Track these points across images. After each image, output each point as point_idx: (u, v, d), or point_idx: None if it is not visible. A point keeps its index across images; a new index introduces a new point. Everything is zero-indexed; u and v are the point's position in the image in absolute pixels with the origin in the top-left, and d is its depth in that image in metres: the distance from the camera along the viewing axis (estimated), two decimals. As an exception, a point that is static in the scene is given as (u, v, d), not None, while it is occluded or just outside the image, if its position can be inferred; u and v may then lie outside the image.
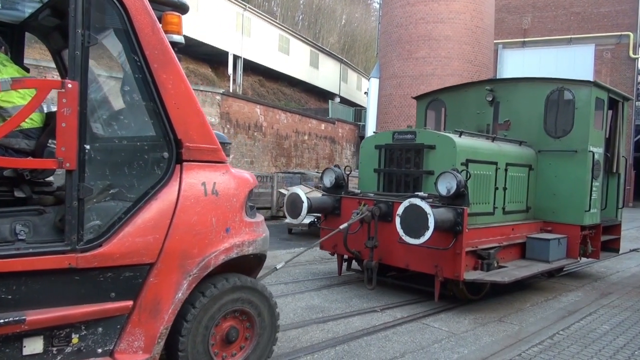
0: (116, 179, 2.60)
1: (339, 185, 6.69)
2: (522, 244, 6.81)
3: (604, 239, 7.79)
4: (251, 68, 30.39)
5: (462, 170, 5.44)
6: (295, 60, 33.85)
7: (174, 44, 2.72)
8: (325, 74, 37.64)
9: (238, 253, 3.03)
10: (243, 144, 20.36)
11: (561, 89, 7.15)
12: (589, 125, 6.94)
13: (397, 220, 5.16)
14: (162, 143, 2.69)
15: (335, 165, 6.91)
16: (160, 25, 2.68)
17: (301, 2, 44.58)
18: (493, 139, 6.83)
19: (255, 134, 21.14)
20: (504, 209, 6.65)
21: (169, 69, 2.63)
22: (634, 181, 29.85)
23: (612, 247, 8.37)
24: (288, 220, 6.62)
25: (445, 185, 5.27)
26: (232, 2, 27.48)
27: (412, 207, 5.03)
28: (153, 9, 2.63)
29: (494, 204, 6.46)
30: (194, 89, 2.79)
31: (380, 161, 6.62)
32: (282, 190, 13.62)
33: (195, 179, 2.80)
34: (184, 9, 2.86)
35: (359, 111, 33.00)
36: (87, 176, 2.41)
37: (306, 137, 24.84)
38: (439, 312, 5.63)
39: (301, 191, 6.33)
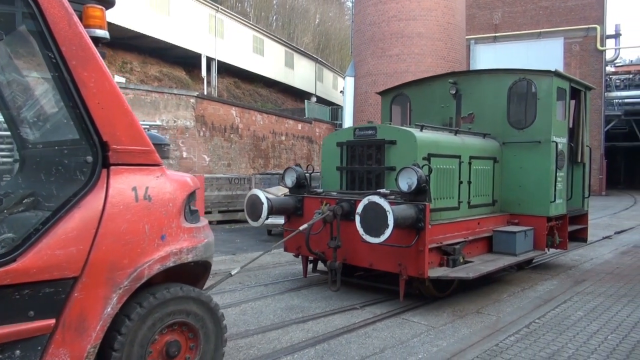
0: (32, 187, 2.38)
1: (301, 185, 6.50)
2: (489, 238, 6.70)
3: (571, 229, 7.75)
4: (226, 70, 30.11)
5: (424, 165, 5.31)
6: (270, 61, 33.66)
7: (97, 40, 2.52)
8: (301, 74, 37.52)
9: (176, 261, 2.81)
10: (220, 147, 20.08)
11: (523, 79, 7.08)
12: (551, 115, 6.87)
13: (357, 218, 4.99)
14: (85, 146, 2.48)
15: (296, 164, 6.73)
16: (82, 19, 2.48)
17: (274, 2, 44.37)
18: (456, 132, 6.72)
19: (232, 136, 20.88)
20: (469, 203, 6.54)
21: (90, 66, 2.43)
22: (605, 170, 30.43)
23: (580, 236, 8.35)
24: (249, 222, 6.33)
25: (406, 181, 5.12)
26: (204, 4, 27.17)
27: (371, 205, 4.87)
28: (73, 1, 2.43)
29: (459, 198, 6.34)
30: (167, 93, 2.58)
31: (342, 158, 6.44)
32: (260, 192, 13.44)
33: (125, 184, 2.59)
34: (107, 2, 2.66)
35: (336, 110, 32.96)
36: None
37: (283, 138, 24.65)
38: (418, 306, 5.65)
39: (261, 192, 6.11)
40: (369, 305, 5.65)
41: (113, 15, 21.09)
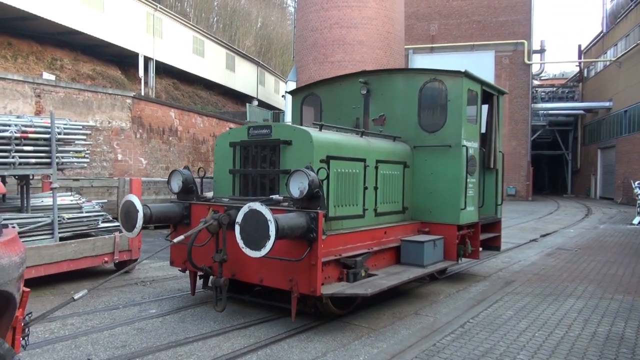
0: None
1: (189, 190, 5.82)
2: (398, 248, 6.22)
3: (483, 237, 7.42)
4: (164, 71, 29.14)
5: (320, 168, 4.81)
6: (210, 62, 32.99)
7: None
8: (242, 77, 37.08)
9: None
10: (157, 149, 19.38)
11: (434, 80, 6.74)
12: (462, 118, 6.52)
13: (237, 229, 4.36)
14: None
15: (184, 167, 6.09)
16: None
17: (215, 4, 43.57)
18: (362, 134, 6.21)
19: (171, 138, 20.23)
20: (375, 210, 6.06)
21: None
22: (532, 177, 32.48)
23: (493, 245, 8.11)
24: (124, 233, 5.44)
25: (297, 186, 4.59)
26: (141, 2, 26.17)
27: (252, 213, 4.28)
28: None
29: (364, 205, 5.85)
30: (102, 92, 2.13)
31: (235, 161, 5.83)
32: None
33: None
34: None
35: (278, 114, 32.81)
36: None
37: (224, 142, 24.21)
38: (359, 309, 5.67)
39: (136, 198, 5.28)
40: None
41: (41, 8, 19.81)
